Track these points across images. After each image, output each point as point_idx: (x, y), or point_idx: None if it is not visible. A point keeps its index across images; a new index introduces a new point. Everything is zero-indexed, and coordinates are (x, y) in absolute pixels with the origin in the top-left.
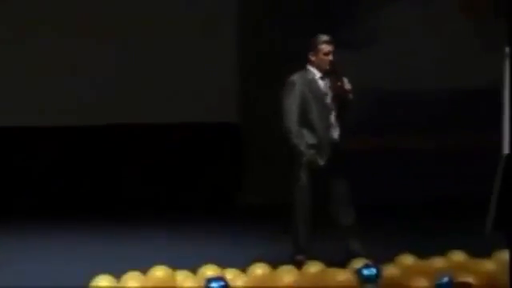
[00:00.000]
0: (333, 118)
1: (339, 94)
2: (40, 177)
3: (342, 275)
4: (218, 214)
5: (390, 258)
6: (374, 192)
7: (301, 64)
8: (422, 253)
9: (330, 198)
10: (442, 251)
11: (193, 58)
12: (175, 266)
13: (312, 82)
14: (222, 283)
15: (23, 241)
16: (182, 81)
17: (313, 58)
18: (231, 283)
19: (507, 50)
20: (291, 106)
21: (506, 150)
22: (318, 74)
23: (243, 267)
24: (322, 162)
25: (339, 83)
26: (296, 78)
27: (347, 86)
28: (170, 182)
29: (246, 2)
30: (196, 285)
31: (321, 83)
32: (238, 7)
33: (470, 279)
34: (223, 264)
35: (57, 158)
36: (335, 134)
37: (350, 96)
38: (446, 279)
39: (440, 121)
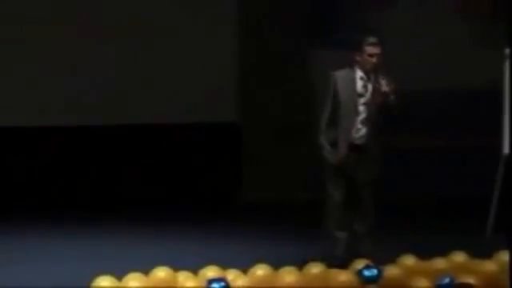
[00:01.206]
0: (359, 119)
1: (377, 97)
2: (40, 177)
3: (344, 276)
4: (219, 215)
5: (391, 259)
6: (374, 192)
7: (300, 64)
8: (423, 253)
9: (349, 200)
10: (442, 252)
11: (193, 58)
12: (176, 266)
13: (350, 82)
14: (223, 284)
15: (24, 241)
16: (182, 81)
17: (358, 58)
18: (232, 284)
19: (507, 51)
20: (326, 101)
21: (505, 151)
22: (359, 75)
23: (244, 268)
24: (333, 161)
25: (377, 85)
26: (337, 74)
27: (384, 88)
28: (170, 182)
29: (246, 3)
30: (197, 285)
31: (359, 84)
32: (237, 7)
33: (470, 280)
34: (224, 265)
35: (57, 157)
36: (356, 135)
37: (391, 98)
38: (447, 280)
39: (441, 120)
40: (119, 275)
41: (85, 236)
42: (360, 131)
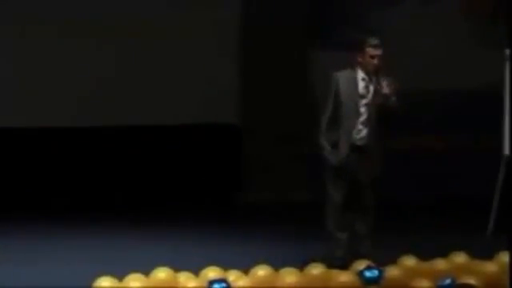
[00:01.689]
0: (360, 120)
1: (378, 98)
2: (40, 177)
3: (344, 277)
4: (219, 216)
5: (391, 260)
6: (375, 192)
7: (301, 65)
8: (424, 254)
9: (350, 200)
10: (443, 252)
11: (192, 60)
12: (177, 267)
13: (352, 83)
14: (223, 285)
15: (24, 241)
16: (182, 82)
17: (359, 60)
18: (233, 284)
19: (507, 52)
20: (327, 101)
21: (506, 152)
22: (361, 76)
23: (245, 268)
24: (334, 162)
25: (378, 87)
26: (339, 75)
27: (385, 90)
28: (171, 183)
29: (247, 3)
30: (198, 286)
31: (361, 85)
32: (238, 8)
33: (471, 281)
34: (225, 265)
35: (57, 158)
36: (357, 136)
37: (392, 100)
38: (447, 281)
39: (441, 121)
40: (120, 276)
41: (85, 237)
42: (361, 132)
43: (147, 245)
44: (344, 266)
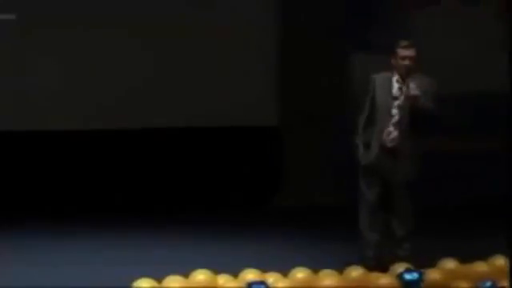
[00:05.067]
0: (392, 122)
1: (407, 99)
2: (81, 180)
3: (384, 279)
4: (258, 218)
5: (431, 263)
6: (413, 194)
7: (340, 66)
8: (464, 257)
9: (384, 205)
10: (484, 255)
11: (233, 62)
12: (217, 269)
13: (388, 85)
14: (263, 287)
15: (69, 243)
16: (222, 85)
17: (393, 61)
18: (272, 287)
19: None
20: (365, 103)
21: None
22: (395, 77)
23: (285, 271)
24: (365, 161)
25: (406, 88)
26: (376, 77)
27: (413, 92)
28: (210, 185)
29: (285, 4)
30: None
31: (395, 87)
32: (277, 9)
33: None
34: (264, 267)
35: (91, 159)
36: (388, 138)
37: (421, 101)
38: (488, 284)
39: (479, 122)
40: (158, 278)
41: (121, 238)
42: (392, 133)
43: (186, 246)
44: (378, 266)
